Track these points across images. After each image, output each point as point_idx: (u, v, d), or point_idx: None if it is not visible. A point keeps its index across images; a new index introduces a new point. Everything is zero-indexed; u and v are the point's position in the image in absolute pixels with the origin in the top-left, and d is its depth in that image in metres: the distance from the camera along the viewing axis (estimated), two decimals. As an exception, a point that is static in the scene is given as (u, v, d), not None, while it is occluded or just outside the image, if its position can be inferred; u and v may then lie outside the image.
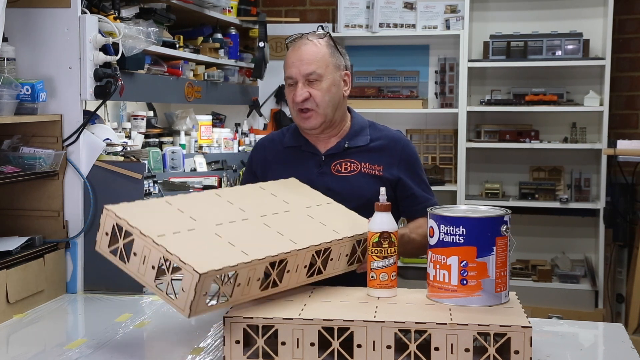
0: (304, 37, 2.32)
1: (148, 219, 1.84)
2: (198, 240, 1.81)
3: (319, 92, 2.27)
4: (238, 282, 1.75)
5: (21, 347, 2.05)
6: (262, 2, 5.08)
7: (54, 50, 2.50)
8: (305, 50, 2.28)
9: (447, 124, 4.92)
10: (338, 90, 2.32)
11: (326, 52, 2.30)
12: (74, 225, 2.54)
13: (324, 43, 2.31)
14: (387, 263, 1.88)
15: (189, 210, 1.93)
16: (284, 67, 2.32)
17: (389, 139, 2.39)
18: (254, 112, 4.52)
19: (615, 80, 4.59)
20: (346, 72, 2.36)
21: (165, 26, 3.31)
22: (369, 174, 2.31)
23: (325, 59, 2.29)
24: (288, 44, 2.36)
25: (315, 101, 2.27)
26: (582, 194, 4.66)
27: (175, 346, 1.96)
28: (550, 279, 4.62)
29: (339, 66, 2.33)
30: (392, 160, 2.34)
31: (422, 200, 2.35)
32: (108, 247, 1.85)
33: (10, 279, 2.23)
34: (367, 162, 2.32)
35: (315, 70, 2.26)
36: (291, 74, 2.28)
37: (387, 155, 2.35)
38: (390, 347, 1.68)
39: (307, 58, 2.27)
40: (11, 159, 2.42)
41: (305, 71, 2.26)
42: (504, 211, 1.84)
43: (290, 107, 2.34)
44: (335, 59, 2.32)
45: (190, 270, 1.66)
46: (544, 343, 1.91)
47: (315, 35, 2.32)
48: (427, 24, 4.74)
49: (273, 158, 2.39)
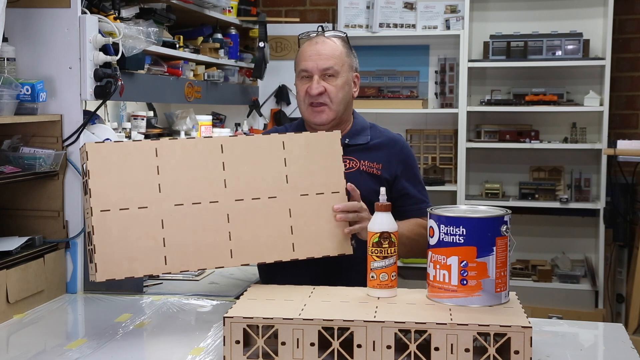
0: (321, 33, 2.36)
1: (109, 175, 1.94)
2: (135, 228, 1.94)
3: (334, 88, 2.31)
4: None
5: (21, 347, 2.05)
6: (262, 2, 5.08)
7: (54, 50, 2.50)
8: (323, 46, 2.32)
9: (447, 124, 4.92)
10: (350, 90, 2.37)
11: (343, 50, 2.35)
12: (74, 225, 2.54)
13: (341, 42, 2.37)
14: (387, 263, 1.88)
15: (166, 171, 1.99)
16: (298, 60, 2.35)
17: (388, 139, 2.43)
18: (254, 112, 4.52)
19: (615, 80, 4.59)
20: (356, 73, 2.42)
21: (165, 26, 3.31)
22: (367, 172, 2.33)
23: (342, 57, 2.34)
24: (302, 39, 2.39)
25: (329, 96, 2.30)
26: (582, 194, 4.66)
27: (175, 346, 1.96)
28: (550, 279, 4.62)
29: (352, 67, 2.39)
30: (391, 158, 2.37)
31: (416, 201, 2.37)
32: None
33: (10, 279, 2.23)
34: (367, 160, 2.35)
35: (333, 66, 2.31)
36: (307, 67, 2.31)
37: (386, 154, 2.37)
38: (390, 347, 1.68)
39: (325, 53, 2.31)
40: (11, 159, 2.42)
41: (323, 65, 2.30)
42: (504, 211, 1.84)
43: (301, 101, 2.35)
44: (350, 59, 2.38)
45: (93, 273, 1.93)
46: (544, 343, 1.91)
47: (333, 33, 2.36)
48: (427, 24, 4.74)
49: None
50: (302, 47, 2.37)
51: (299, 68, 2.34)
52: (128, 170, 1.96)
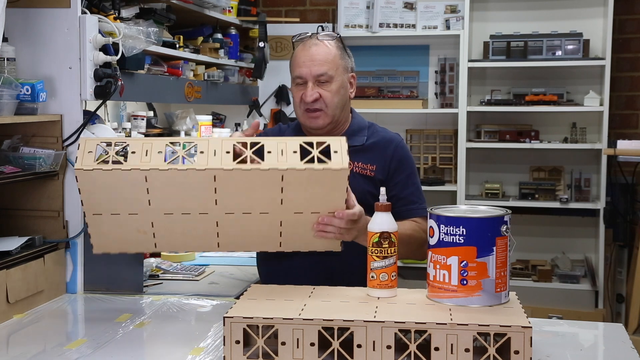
0: (314, 36, 2.32)
1: (99, 192, 1.96)
2: (125, 226, 2.01)
3: (329, 94, 2.28)
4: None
5: (21, 347, 2.05)
6: (262, 2, 5.08)
7: (54, 50, 2.50)
8: (316, 50, 2.28)
9: (447, 124, 4.92)
10: (345, 92, 2.34)
11: (337, 53, 2.31)
12: (74, 225, 2.54)
13: (335, 44, 2.33)
14: (387, 263, 1.88)
15: (155, 191, 1.95)
16: (292, 65, 2.32)
17: (384, 139, 2.39)
18: (254, 112, 4.52)
19: (615, 80, 4.59)
20: (352, 74, 2.38)
21: (165, 26, 3.31)
22: (360, 174, 2.31)
23: (336, 60, 2.30)
24: (296, 42, 2.35)
25: (324, 102, 2.28)
26: (582, 194, 4.66)
27: (175, 346, 1.96)
28: (550, 279, 4.62)
29: (347, 68, 2.35)
30: (384, 159, 2.34)
31: (406, 202, 2.32)
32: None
33: (10, 279, 2.23)
34: (361, 161, 2.32)
35: (327, 71, 2.27)
36: (301, 74, 2.28)
37: (380, 154, 2.34)
38: (390, 347, 1.68)
39: (318, 59, 2.27)
40: (11, 159, 2.42)
41: (316, 72, 2.27)
42: (504, 211, 1.84)
43: (297, 106, 2.33)
44: (345, 61, 2.34)
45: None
46: (544, 343, 1.91)
47: (326, 35, 2.32)
48: (427, 24, 4.74)
49: None
50: (295, 52, 2.34)
51: (294, 74, 2.32)
52: (118, 191, 1.97)
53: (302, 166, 1.91)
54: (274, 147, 1.93)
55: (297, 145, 1.94)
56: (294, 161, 1.91)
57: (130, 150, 1.94)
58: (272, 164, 1.90)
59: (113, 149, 1.94)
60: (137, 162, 1.91)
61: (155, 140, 1.98)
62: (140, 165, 1.91)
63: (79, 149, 1.96)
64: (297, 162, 1.91)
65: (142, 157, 1.92)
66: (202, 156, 1.94)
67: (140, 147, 1.94)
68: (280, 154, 1.92)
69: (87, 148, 1.95)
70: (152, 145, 1.95)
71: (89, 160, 1.93)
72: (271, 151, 1.92)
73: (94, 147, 1.95)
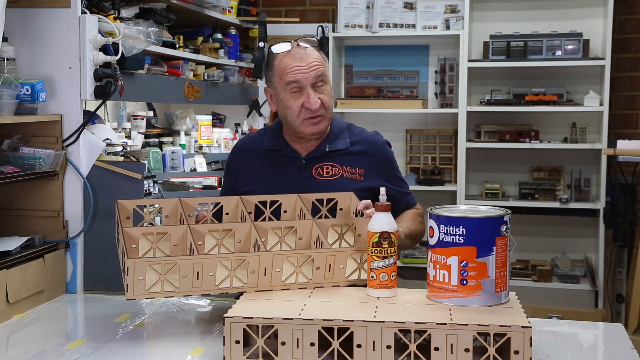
0: (294, 42, 2.27)
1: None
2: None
3: (327, 97, 2.28)
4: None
5: (21, 347, 2.05)
6: (262, 2, 5.08)
7: (54, 50, 2.50)
8: (308, 54, 2.26)
9: (447, 124, 4.92)
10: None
11: (323, 56, 2.31)
12: (74, 225, 2.54)
13: (317, 48, 2.31)
14: (387, 263, 1.88)
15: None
16: (281, 73, 2.25)
17: (367, 142, 2.38)
18: (254, 112, 4.52)
19: (615, 80, 4.59)
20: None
21: (165, 26, 3.31)
22: (350, 179, 2.31)
23: (324, 63, 2.31)
24: (278, 53, 2.27)
25: (325, 106, 2.27)
26: (582, 194, 4.66)
27: (175, 346, 1.96)
28: (550, 279, 4.62)
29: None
30: (372, 163, 2.34)
31: (401, 199, 2.36)
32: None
33: (10, 279, 2.24)
34: (349, 166, 2.32)
35: (323, 72, 2.26)
36: (298, 79, 2.23)
37: (368, 159, 2.35)
38: (390, 347, 1.68)
39: (313, 62, 2.25)
40: (11, 159, 2.42)
41: (314, 75, 2.24)
42: (504, 211, 1.84)
43: (295, 115, 2.25)
44: (327, 62, 2.34)
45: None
46: (544, 343, 1.91)
47: (307, 41, 2.29)
48: (427, 24, 4.73)
49: (254, 161, 2.36)
50: (279, 61, 2.26)
51: (287, 80, 2.23)
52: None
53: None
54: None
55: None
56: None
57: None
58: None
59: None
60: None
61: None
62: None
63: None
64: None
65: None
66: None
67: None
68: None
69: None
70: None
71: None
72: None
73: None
